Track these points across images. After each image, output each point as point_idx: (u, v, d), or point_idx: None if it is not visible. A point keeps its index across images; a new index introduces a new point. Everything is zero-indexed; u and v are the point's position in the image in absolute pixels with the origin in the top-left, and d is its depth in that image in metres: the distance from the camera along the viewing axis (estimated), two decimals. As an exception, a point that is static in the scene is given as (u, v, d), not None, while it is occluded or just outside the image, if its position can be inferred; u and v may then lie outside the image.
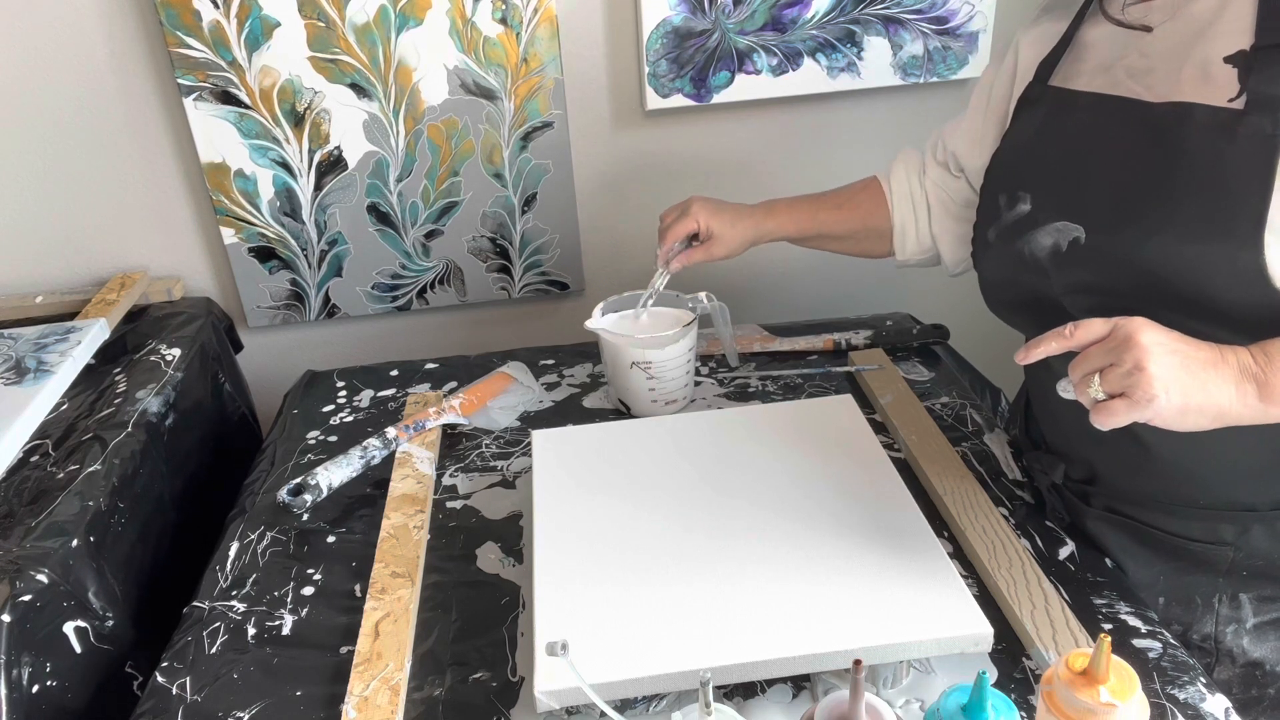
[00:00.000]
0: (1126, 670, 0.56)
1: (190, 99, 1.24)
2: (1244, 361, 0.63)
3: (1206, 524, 0.79)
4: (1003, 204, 0.82)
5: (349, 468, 0.97)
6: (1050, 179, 0.79)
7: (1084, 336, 0.65)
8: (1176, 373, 0.62)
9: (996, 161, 0.85)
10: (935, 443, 0.96)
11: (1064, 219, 0.76)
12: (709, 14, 1.26)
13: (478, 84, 1.28)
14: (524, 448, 1.03)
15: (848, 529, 0.79)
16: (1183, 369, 0.62)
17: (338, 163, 1.30)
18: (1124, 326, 0.64)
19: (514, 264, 1.41)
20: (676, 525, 0.82)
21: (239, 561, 0.90)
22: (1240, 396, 0.63)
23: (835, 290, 1.52)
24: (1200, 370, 0.63)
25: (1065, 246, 0.76)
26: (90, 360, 1.17)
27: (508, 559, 0.88)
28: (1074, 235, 0.75)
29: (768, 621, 0.71)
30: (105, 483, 0.94)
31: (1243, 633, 0.81)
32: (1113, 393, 0.63)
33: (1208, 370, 0.63)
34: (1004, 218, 0.82)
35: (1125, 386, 0.62)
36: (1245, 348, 0.64)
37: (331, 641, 0.80)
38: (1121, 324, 0.64)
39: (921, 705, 0.69)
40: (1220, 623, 0.81)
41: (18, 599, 0.79)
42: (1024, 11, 1.36)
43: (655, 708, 0.71)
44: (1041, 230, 0.78)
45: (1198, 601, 0.82)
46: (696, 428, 0.95)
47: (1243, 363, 0.63)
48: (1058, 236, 0.76)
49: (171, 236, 1.36)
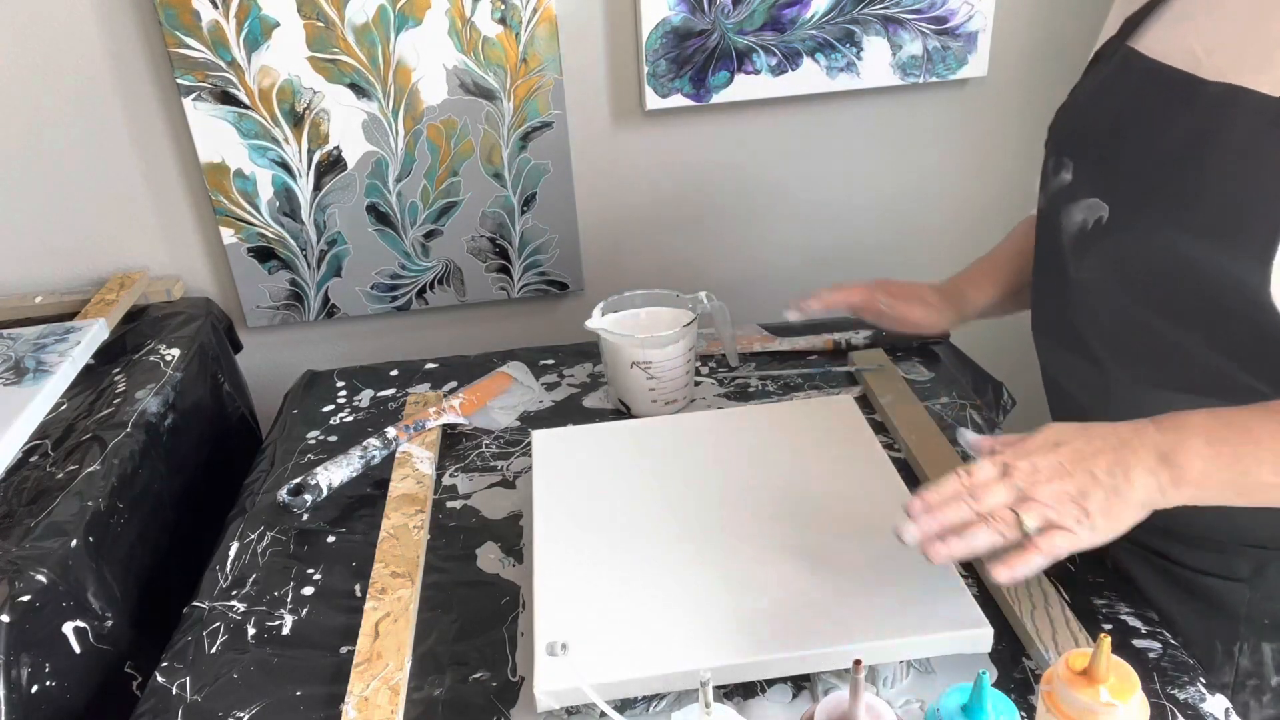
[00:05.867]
0: (1126, 670, 0.56)
1: (189, 99, 1.24)
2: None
3: (1222, 557, 0.75)
4: (1050, 169, 0.77)
5: (349, 468, 0.97)
6: (1093, 149, 0.74)
7: (979, 476, 0.62)
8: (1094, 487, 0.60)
9: (1057, 119, 0.79)
10: (935, 443, 0.96)
11: (1096, 195, 0.71)
12: (708, 14, 1.26)
13: (477, 84, 1.28)
14: (524, 448, 1.03)
15: (848, 529, 0.79)
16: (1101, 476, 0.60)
17: (337, 163, 1.30)
18: (1015, 463, 0.61)
19: (513, 264, 1.41)
20: (676, 525, 0.81)
21: (239, 561, 0.89)
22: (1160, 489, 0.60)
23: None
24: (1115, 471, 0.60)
25: (1090, 226, 0.71)
26: (89, 360, 1.17)
27: (508, 559, 0.88)
28: (1099, 215, 0.71)
29: (768, 621, 0.71)
30: (105, 483, 0.94)
31: (1265, 689, 0.77)
32: (1047, 524, 0.60)
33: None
34: (1050, 184, 0.77)
35: (1055, 516, 0.60)
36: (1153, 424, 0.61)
37: (331, 641, 0.79)
38: (1011, 463, 0.62)
39: (921, 705, 0.69)
40: (1240, 675, 0.77)
41: (17, 599, 0.79)
42: (1024, 11, 1.36)
43: (655, 708, 0.71)
44: (1077, 205, 0.73)
45: (1218, 648, 0.77)
46: (696, 428, 0.95)
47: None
48: (1087, 214, 0.72)
49: (171, 236, 1.36)
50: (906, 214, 1.49)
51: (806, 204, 1.46)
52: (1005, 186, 1.49)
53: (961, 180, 1.48)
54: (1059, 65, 1.41)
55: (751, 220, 1.46)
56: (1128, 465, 0.60)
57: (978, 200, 1.49)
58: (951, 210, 1.50)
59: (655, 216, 1.43)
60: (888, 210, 1.48)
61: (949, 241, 1.52)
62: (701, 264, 1.47)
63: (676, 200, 1.43)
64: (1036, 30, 1.38)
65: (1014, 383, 1.23)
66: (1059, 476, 0.60)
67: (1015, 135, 1.45)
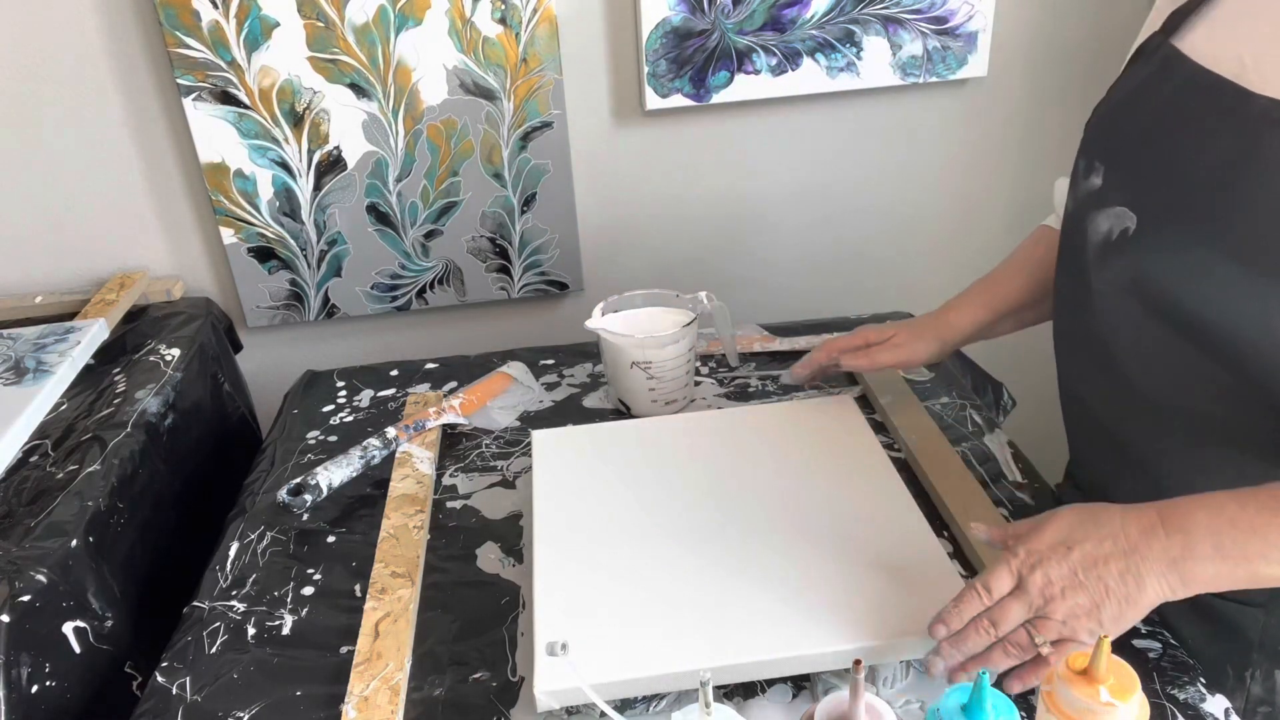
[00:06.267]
0: (1126, 670, 0.56)
1: (189, 99, 1.24)
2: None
3: None
4: (1080, 171, 0.74)
5: (349, 468, 0.97)
6: (1126, 155, 0.70)
7: (997, 591, 0.64)
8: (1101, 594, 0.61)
9: (1092, 118, 0.76)
10: (935, 443, 0.96)
11: (1125, 204, 0.68)
12: (708, 14, 1.26)
13: (477, 84, 1.28)
14: (524, 448, 1.03)
15: (848, 529, 0.79)
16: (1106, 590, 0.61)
17: (337, 163, 1.30)
18: (1030, 575, 0.62)
19: (513, 264, 1.41)
20: (676, 525, 0.82)
21: (239, 561, 0.89)
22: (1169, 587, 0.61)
23: (835, 290, 1.52)
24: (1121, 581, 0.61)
25: (1115, 236, 0.69)
26: (89, 360, 1.17)
27: (508, 559, 0.88)
28: (1126, 225, 0.68)
29: (768, 621, 0.71)
30: (104, 483, 0.94)
31: (1277, 716, 0.74)
32: (1060, 638, 0.62)
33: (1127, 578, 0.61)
34: (1079, 187, 0.74)
35: (1069, 632, 0.62)
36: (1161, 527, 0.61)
37: (331, 641, 0.79)
38: (1026, 573, 0.63)
39: (921, 705, 0.69)
40: (1251, 701, 0.74)
41: (17, 599, 0.79)
42: (1024, 11, 1.36)
43: (655, 708, 0.71)
44: (1103, 213, 0.70)
45: (1229, 673, 0.74)
46: (696, 428, 0.95)
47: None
48: (1114, 223, 0.69)
49: (171, 236, 1.36)
50: (906, 214, 1.49)
51: (806, 204, 1.46)
52: (1005, 186, 1.49)
53: (961, 180, 1.48)
54: (1059, 65, 1.41)
55: (751, 220, 1.46)
56: (1140, 574, 0.61)
57: (978, 200, 1.49)
58: (951, 210, 1.50)
59: (655, 216, 1.44)
60: (888, 210, 1.48)
61: (949, 241, 1.52)
62: (701, 264, 1.47)
63: (676, 200, 1.43)
64: (1036, 30, 1.38)
65: (1014, 383, 1.23)
66: (1073, 589, 0.62)
67: (1015, 135, 1.45)
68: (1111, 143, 0.73)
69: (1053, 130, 1.45)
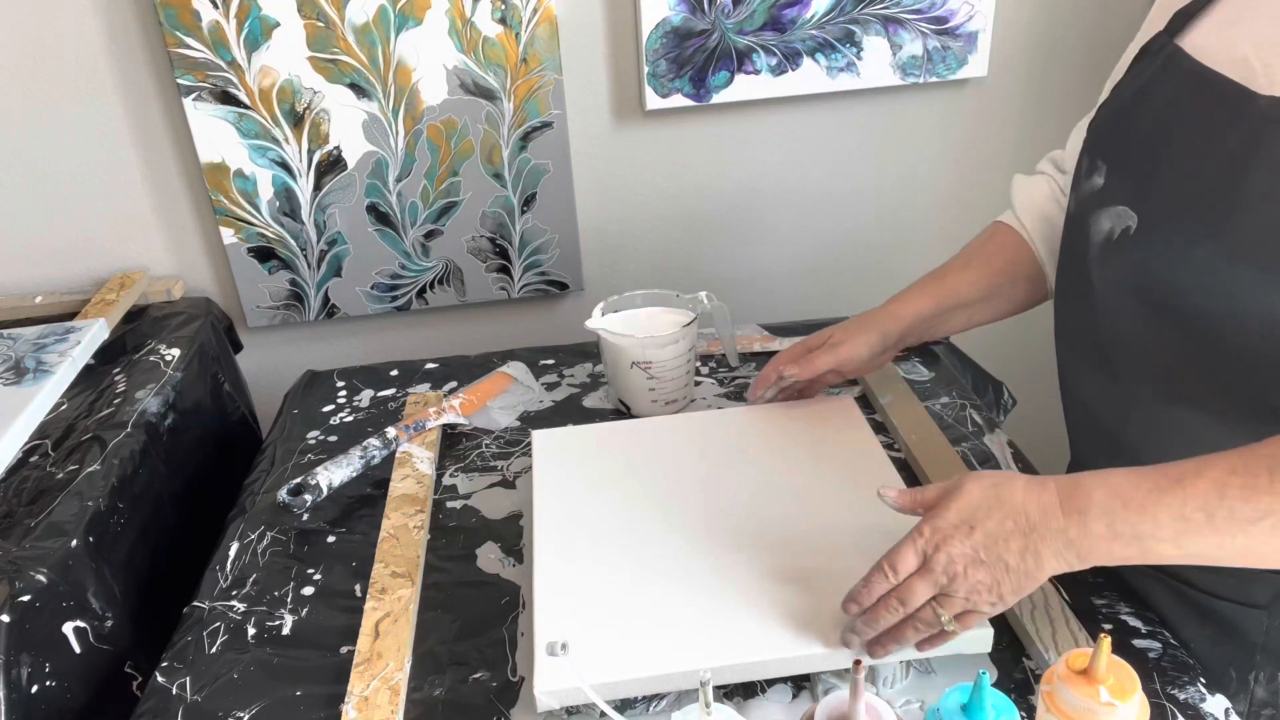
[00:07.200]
0: (1126, 670, 0.56)
1: (190, 99, 1.24)
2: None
3: (1239, 582, 0.72)
4: (1083, 171, 0.74)
5: (349, 468, 0.97)
6: (1128, 154, 0.70)
7: (902, 570, 0.65)
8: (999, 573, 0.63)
9: (1095, 118, 0.76)
10: (935, 443, 0.96)
11: (1126, 203, 0.68)
12: (708, 14, 1.26)
13: (477, 84, 1.28)
14: (524, 448, 1.03)
15: (848, 529, 0.79)
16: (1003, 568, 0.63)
17: (337, 163, 1.30)
18: (935, 554, 0.64)
19: (513, 264, 1.41)
20: (676, 525, 0.81)
21: (239, 561, 0.89)
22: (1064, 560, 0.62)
23: (835, 290, 1.52)
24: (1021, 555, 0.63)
25: (1117, 235, 0.69)
26: (89, 360, 1.17)
27: (508, 559, 0.88)
28: (1128, 224, 0.68)
29: (768, 621, 0.71)
30: (104, 483, 0.94)
31: None
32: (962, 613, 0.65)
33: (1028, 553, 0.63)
34: (1081, 187, 0.74)
35: (971, 605, 0.64)
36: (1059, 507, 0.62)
37: (331, 641, 0.79)
38: (931, 552, 0.64)
39: (921, 705, 0.69)
40: (1255, 704, 0.73)
41: (17, 599, 0.79)
42: (1024, 11, 1.36)
43: (655, 708, 0.71)
44: (1105, 212, 0.70)
45: (1232, 676, 0.74)
46: (696, 428, 0.95)
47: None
48: (1115, 222, 0.69)
49: (171, 236, 1.36)
50: (906, 214, 1.49)
51: (806, 204, 1.46)
52: (1005, 186, 1.48)
53: (961, 180, 1.48)
54: (1059, 65, 1.41)
55: (751, 220, 1.46)
56: (1038, 551, 0.62)
57: (978, 200, 1.49)
58: (951, 210, 1.50)
59: (655, 216, 1.44)
60: (888, 210, 1.48)
61: (949, 241, 1.51)
62: (701, 264, 1.48)
63: (676, 200, 1.43)
64: (1036, 30, 1.38)
65: (1014, 383, 1.23)
66: (974, 566, 0.63)
67: (1015, 135, 1.45)
68: (1114, 143, 0.73)
69: (1053, 130, 1.44)
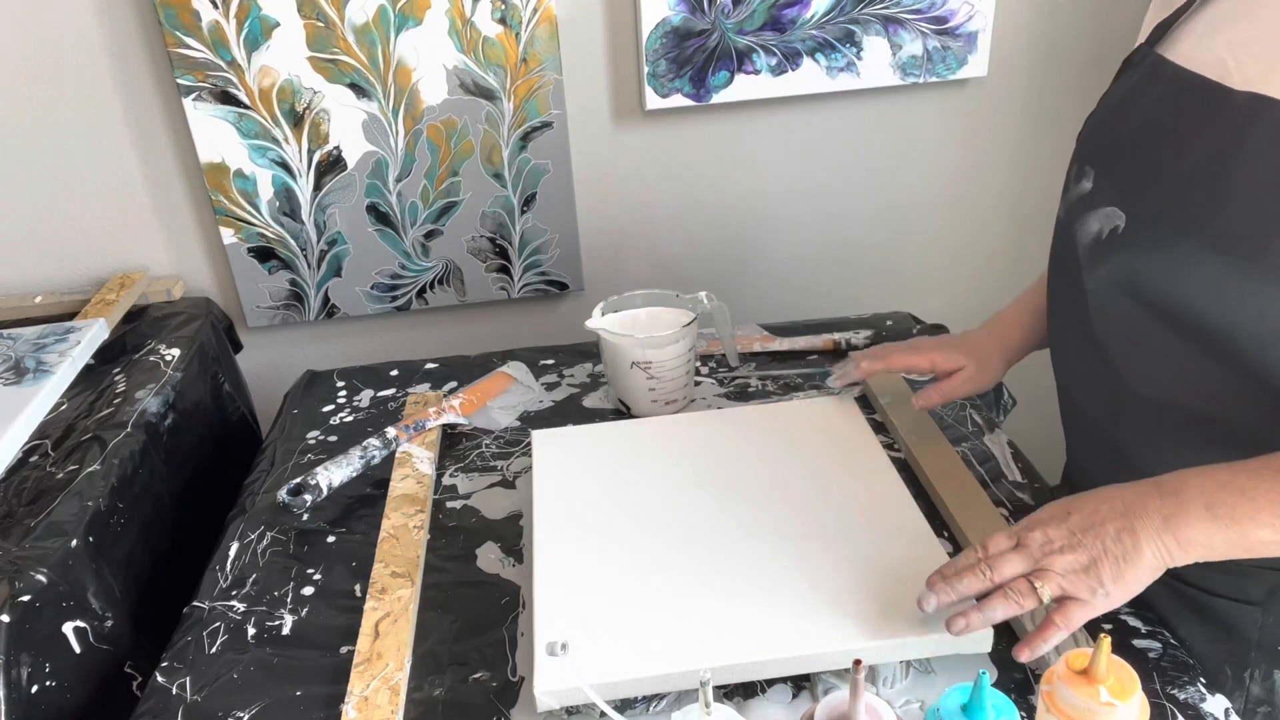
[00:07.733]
0: (1126, 670, 0.56)
1: (189, 99, 1.24)
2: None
3: (1234, 578, 0.72)
4: (1071, 178, 0.76)
5: (349, 468, 0.97)
6: (1115, 158, 0.72)
7: (993, 549, 0.65)
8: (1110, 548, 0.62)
9: (1084, 129, 0.78)
10: (935, 443, 0.96)
11: (1114, 204, 0.70)
12: (708, 14, 1.26)
13: (477, 84, 1.28)
14: (524, 448, 1.03)
15: (848, 529, 0.79)
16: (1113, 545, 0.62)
17: (337, 163, 1.30)
18: (1028, 534, 0.64)
19: (513, 264, 1.41)
20: (676, 525, 0.82)
21: (239, 561, 0.89)
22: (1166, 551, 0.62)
23: (835, 290, 1.52)
24: None
25: (1105, 235, 0.70)
26: (89, 360, 1.17)
27: (508, 559, 0.88)
28: (1116, 224, 0.70)
29: (768, 621, 0.71)
30: (104, 483, 0.94)
31: (1277, 716, 0.74)
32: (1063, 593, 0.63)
33: None
34: (1069, 194, 0.76)
35: (1069, 586, 0.62)
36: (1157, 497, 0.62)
37: (331, 641, 0.79)
38: (1024, 534, 0.64)
39: (921, 705, 0.69)
40: (1250, 701, 0.74)
41: (17, 599, 0.79)
42: (1024, 11, 1.36)
43: (655, 708, 0.71)
44: (1094, 214, 0.71)
45: (1228, 673, 0.74)
46: (696, 428, 0.95)
47: None
48: (1103, 223, 0.71)
49: (171, 236, 1.36)
50: (906, 214, 1.49)
51: (806, 204, 1.46)
52: (1005, 186, 1.49)
53: (961, 180, 1.48)
54: (1059, 65, 1.41)
55: (751, 220, 1.46)
56: (1135, 531, 0.62)
57: (978, 200, 1.49)
58: (951, 210, 1.50)
59: (655, 216, 1.44)
60: (888, 210, 1.48)
61: (948, 241, 1.52)
62: (701, 264, 1.48)
63: (676, 200, 1.43)
64: (1036, 30, 1.38)
65: (1014, 383, 1.23)
66: (1071, 547, 0.63)
67: (1015, 135, 1.45)
68: (1101, 148, 0.75)
69: (1052, 130, 1.45)
